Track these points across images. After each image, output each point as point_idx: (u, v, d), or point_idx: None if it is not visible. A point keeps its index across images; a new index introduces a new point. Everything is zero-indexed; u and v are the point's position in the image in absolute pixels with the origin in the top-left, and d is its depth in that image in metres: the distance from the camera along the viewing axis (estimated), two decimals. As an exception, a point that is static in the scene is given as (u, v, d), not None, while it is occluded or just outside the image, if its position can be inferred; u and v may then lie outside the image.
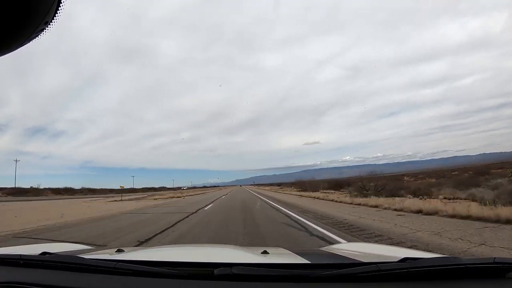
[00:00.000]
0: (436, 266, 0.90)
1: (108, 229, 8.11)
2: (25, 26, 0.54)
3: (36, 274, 1.05)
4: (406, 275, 0.89)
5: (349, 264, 1.05)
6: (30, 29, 0.55)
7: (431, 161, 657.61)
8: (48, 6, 0.53)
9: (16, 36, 0.55)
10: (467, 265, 0.89)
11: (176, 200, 25.98)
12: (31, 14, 0.52)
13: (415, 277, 0.90)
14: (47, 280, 0.99)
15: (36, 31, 0.56)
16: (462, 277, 0.90)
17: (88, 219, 11.40)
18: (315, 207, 12.60)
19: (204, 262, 1.11)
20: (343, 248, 1.90)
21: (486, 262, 0.91)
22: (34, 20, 0.54)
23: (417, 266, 0.90)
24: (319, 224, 7.46)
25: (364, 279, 0.92)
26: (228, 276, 0.94)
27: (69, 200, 36.60)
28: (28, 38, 0.57)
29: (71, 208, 18.20)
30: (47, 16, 0.54)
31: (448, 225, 6.36)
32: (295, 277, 0.94)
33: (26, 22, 0.53)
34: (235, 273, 0.93)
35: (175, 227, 7.77)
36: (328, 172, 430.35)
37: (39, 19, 0.54)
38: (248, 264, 0.99)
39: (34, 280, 0.98)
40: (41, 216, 12.48)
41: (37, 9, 0.52)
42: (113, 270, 1.00)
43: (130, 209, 16.46)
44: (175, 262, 1.09)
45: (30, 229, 8.47)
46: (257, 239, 5.65)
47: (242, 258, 1.40)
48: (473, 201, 9.69)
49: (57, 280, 0.99)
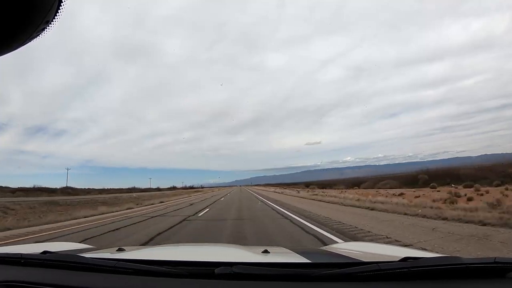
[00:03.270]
0: (437, 266, 0.90)
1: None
2: (26, 25, 0.54)
3: (37, 273, 1.05)
4: (406, 274, 0.89)
5: (349, 263, 1.05)
6: (31, 28, 0.55)
7: (432, 162, 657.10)
8: (49, 5, 0.53)
9: (17, 35, 0.55)
10: (468, 265, 0.89)
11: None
12: (32, 13, 0.52)
13: (416, 277, 0.89)
14: (48, 279, 0.99)
15: (37, 30, 0.56)
16: (463, 276, 0.90)
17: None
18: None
19: (205, 261, 1.11)
20: (344, 247, 1.90)
21: (487, 262, 0.91)
22: (35, 19, 0.54)
23: (417, 265, 0.90)
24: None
25: (364, 278, 0.91)
26: (229, 275, 0.94)
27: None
28: (29, 37, 0.57)
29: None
30: (48, 15, 0.54)
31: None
32: (296, 276, 0.94)
33: (27, 21, 0.53)
34: (236, 272, 0.93)
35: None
36: (329, 173, 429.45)
37: (40, 18, 0.54)
38: (249, 263, 0.99)
39: (34, 279, 0.98)
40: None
41: (38, 8, 0.52)
42: (114, 269, 1.00)
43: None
44: (176, 261, 1.08)
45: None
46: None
47: (243, 257, 1.40)
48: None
49: (57, 279, 0.99)
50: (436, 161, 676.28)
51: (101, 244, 5.46)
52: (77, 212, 13.60)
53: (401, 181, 57.25)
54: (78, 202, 29.62)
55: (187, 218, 10.18)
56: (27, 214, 17.40)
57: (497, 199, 10.12)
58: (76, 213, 13.11)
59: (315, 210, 11.20)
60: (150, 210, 15.52)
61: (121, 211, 15.55)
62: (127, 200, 31.88)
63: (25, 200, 31.11)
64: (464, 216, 6.70)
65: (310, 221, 8.19)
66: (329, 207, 12.77)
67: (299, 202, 17.22)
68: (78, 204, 27.44)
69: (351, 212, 10.08)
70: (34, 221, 10.44)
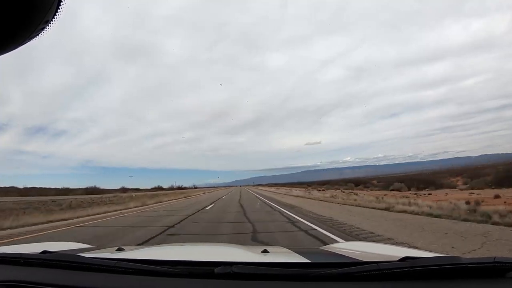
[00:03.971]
0: (436, 266, 0.90)
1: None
2: (25, 25, 0.54)
3: (37, 273, 1.05)
4: (406, 274, 0.89)
5: (349, 263, 1.05)
6: (31, 28, 0.55)
7: (432, 162, 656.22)
8: (48, 5, 0.53)
9: (16, 35, 0.55)
10: (467, 265, 0.89)
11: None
12: (31, 13, 0.52)
13: (415, 277, 0.89)
14: (48, 279, 0.99)
15: (36, 30, 0.56)
16: (462, 276, 0.90)
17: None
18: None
19: (205, 261, 1.11)
20: (343, 247, 1.89)
21: (486, 262, 0.91)
22: (35, 19, 0.54)
23: (417, 265, 0.90)
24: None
25: (364, 278, 0.91)
26: (228, 275, 0.94)
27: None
28: (29, 37, 0.57)
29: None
30: (47, 15, 0.54)
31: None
32: (295, 276, 0.94)
33: (26, 21, 0.53)
34: (235, 272, 0.93)
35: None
36: (328, 173, 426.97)
37: (40, 18, 0.54)
38: (249, 263, 0.99)
39: (34, 279, 0.98)
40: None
41: (38, 8, 0.52)
42: (114, 269, 1.00)
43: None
44: (176, 261, 1.08)
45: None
46: None
47: (242, 256, 1.40)
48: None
49: (57, 279, 0.99)
50: (436, 161, 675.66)
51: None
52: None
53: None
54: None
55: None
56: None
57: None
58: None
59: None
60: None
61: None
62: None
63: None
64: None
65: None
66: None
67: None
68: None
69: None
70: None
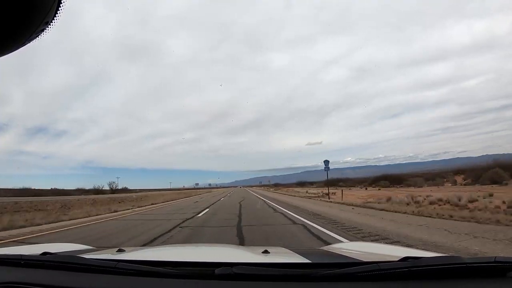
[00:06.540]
0: (437, 265, 0.90)
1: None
2: (25, 26, 0.54)
3: (37, 274, 1.05)
4: (407, 274, 0.89)
5: (350, 263, 1.05)
6: (31, 29, 0.55)
7: (432, 162, 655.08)
8: (48, 6, 0.53)
9: (16, 36, 0.56)
10: (468, 264, 0.89)
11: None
12: (31, 14, 0.52)
13: (416, 276, 0.89)
14: (48, 280, 0.98)
15: (36, 31, 0.56)
16: (463, 276, 0.89)
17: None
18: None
19: (205, 262, 1.11)
20: (344, 247, 1.89)
21: (487, 262, 0.91)
22: (35, 20, 0.54)
23: (417, 265, 0.90)
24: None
25: (365, 278, 0.91)
26: (229, 276, 0.93)
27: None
28: (29, 38, 0.57)
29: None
30: (47, 16, 0.54)
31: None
32: (296, 276, 0.94)
33: (26, 22, 0.53)
34: (236, 273, 0.93)
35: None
36: (329, 173, 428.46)
37: (40, 19, 0.54)
38: (249, 264, 0.99)
39: (35, 280, 0.98)
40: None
41: (38, 8, 0.52)
42: (114, 270, 1.00)
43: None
44: (176, 262, 1.08)
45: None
46: None
47: (243, 257, 1.40)
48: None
49: (58, 280, 0.99)
50: (437, 162, 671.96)
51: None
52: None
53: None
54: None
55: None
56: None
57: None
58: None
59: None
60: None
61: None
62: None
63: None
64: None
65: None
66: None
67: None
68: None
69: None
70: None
